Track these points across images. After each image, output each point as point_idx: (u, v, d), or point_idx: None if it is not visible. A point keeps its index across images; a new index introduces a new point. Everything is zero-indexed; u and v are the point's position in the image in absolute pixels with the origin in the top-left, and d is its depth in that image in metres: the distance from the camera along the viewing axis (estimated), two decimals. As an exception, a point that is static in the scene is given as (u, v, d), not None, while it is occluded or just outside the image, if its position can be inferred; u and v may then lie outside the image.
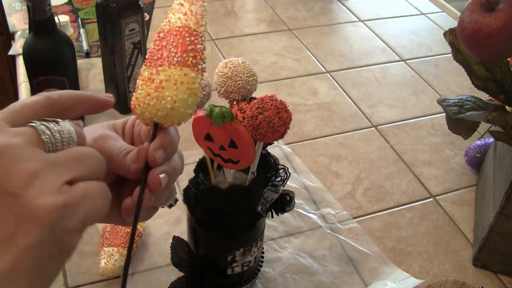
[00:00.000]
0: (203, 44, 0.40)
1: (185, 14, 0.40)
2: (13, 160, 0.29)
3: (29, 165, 0.29)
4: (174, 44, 0.39)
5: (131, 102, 0.40)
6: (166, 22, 0.40)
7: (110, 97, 0.39)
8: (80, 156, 0.32)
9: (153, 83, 0.39)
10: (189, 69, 0.39)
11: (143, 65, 0.40)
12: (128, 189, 0.41)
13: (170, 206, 0.49)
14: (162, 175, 0.38)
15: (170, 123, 0.39)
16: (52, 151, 0.31)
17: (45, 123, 0.32)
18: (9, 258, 0.29)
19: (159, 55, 0.39)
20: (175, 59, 0.39)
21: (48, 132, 0.32)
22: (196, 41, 0.39)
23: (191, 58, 0.39)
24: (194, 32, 0.39)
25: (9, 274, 0.29)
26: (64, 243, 0.31)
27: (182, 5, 0.40)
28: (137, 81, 0.40)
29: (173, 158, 0.40)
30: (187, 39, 0.39)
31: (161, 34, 0.40)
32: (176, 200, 0.57)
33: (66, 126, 0.33)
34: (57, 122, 0.33)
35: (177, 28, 0.39)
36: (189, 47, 0.39)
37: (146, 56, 0.40)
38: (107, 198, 0.33)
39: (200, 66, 0.40)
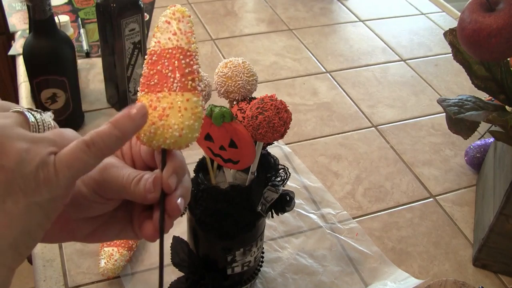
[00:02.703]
0: (198, 63, 0.39)
1: (175, 33, 0.39)
2: (5, 138, 0.32)
3: (19, 143, 0.33)
4: (170, 68, 0.38)
5: None
6: (155, 42, 0.39)
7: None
8: (61, 133, 0.36)
9: (156, 111, 0.38)
10: (190, 94, 0.39)
11: (139, 90, 0.40)
12: (140, 206, 0.41)
13: (182, 214, 0.50)
14: (179, 201, 0.39)
15: (178, 148, 0.39)
16: (35, 132, 0.35)
17: (31, 111, 0.36)
18: None
19: (156, 80, 0.39)
20: (174, 84, 0.38)
21: (33, 118, 0.36)
22: (191, 62, 0.39)
23: (190, 82, 0.39)
24: (188, 53, 0.39)
25: None
26: (50, 208, 0.34)
27: (169, 23, 0.39)
28: None
29: (184, 179, 0.41)
30: (183, 61, 0.38)
31: (154, 57, 0.39)
32: (186, 208, 0.57)
33: (47, 116, 0.37)
34: (40, 113, 0.37)
35: (169, 50, 0.39)
36: (186, 70, 0.38)
37: (141, 80, 0.40)
38: (86, 153, 0.35)
39: (199, 88, 0.39)
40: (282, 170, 0.61)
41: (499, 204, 0.68)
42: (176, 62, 0.38)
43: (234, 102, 0.58)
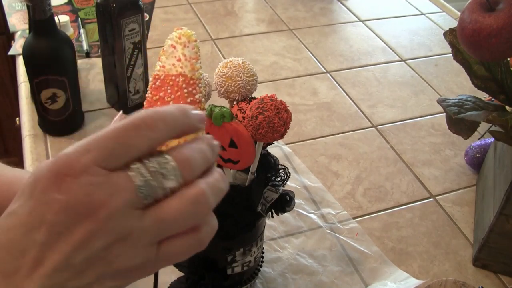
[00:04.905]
0: (201, 91, 0.39)
1: (179, 60, 0.38)
2: (113, 226, 0.29)
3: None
4: (172, 96, 0.38)
5: None
6: (160, 66, 0.39)
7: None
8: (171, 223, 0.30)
9: None
10: None
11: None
12: None
13: None
14: None
15: None
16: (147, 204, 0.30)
17: (153, 178, 0.30)
18: None
19: (158, 107, 0.38)
20: None
21: (147, 193, 0.30)
22: (194, 91, 0.38)
23: None
24: (191, 81, 0.38)
25: None
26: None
27: (174, 47, 0.38)
28: None
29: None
30: (185, 90, 0.38)
31: (158, 83, 0.38)
32: None
33: (172, 178, 0.30)
34: (164, 176, 0.30)
35: (173, 77, 0.38)
36: (188, 100, 0.38)
37: (144, 105, 0.39)
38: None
39: None
40: (282, 170, 0.61)
41: (499, 204, 0.68)
42: (178, 91, 0.38)
43: (234, 102, 0.58)
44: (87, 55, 1.10)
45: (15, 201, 0.30)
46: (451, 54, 0.71)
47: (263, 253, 0.70)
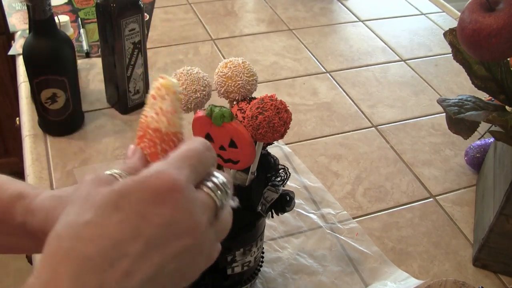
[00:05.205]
0: (176, 144, 0.38)
1: (157, 113, 0.37)
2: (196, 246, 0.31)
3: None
4: (148, 151, 0.38)
5: None
6: (144, 116, 0.38)
7: None
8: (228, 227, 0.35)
9: None
10: None
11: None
12: None
13: None
14: None
15: None
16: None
17: (222, 195, 0.33)
18: None
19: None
20: None
21: (221, 205, 0.33)
22: (167, 147, 0.38)
23: None
24: (165, 137, 0.37)
25: None
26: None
27: (155, 98, 0.37)
28: None
29: None
30: (159, 147, 0.38)
31: (140, 132, 0.38)
32: None
33: (230, 194, 0.35)
34: (226, 193, 0.34)
35: (150, 131, 0.38)
36: (160, 156, 0.38)
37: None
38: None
39: None
40: (282, 170, 0.61)
41: (499, 204, 0.68)
42: (153, 147, 0.38)
43: (234, 102, 0.58)
44: (87, 55, 1.10)
45: (82, 211, 0.29)
46: (451, 54, 0.71)
47: (263, 253, 0.70)
